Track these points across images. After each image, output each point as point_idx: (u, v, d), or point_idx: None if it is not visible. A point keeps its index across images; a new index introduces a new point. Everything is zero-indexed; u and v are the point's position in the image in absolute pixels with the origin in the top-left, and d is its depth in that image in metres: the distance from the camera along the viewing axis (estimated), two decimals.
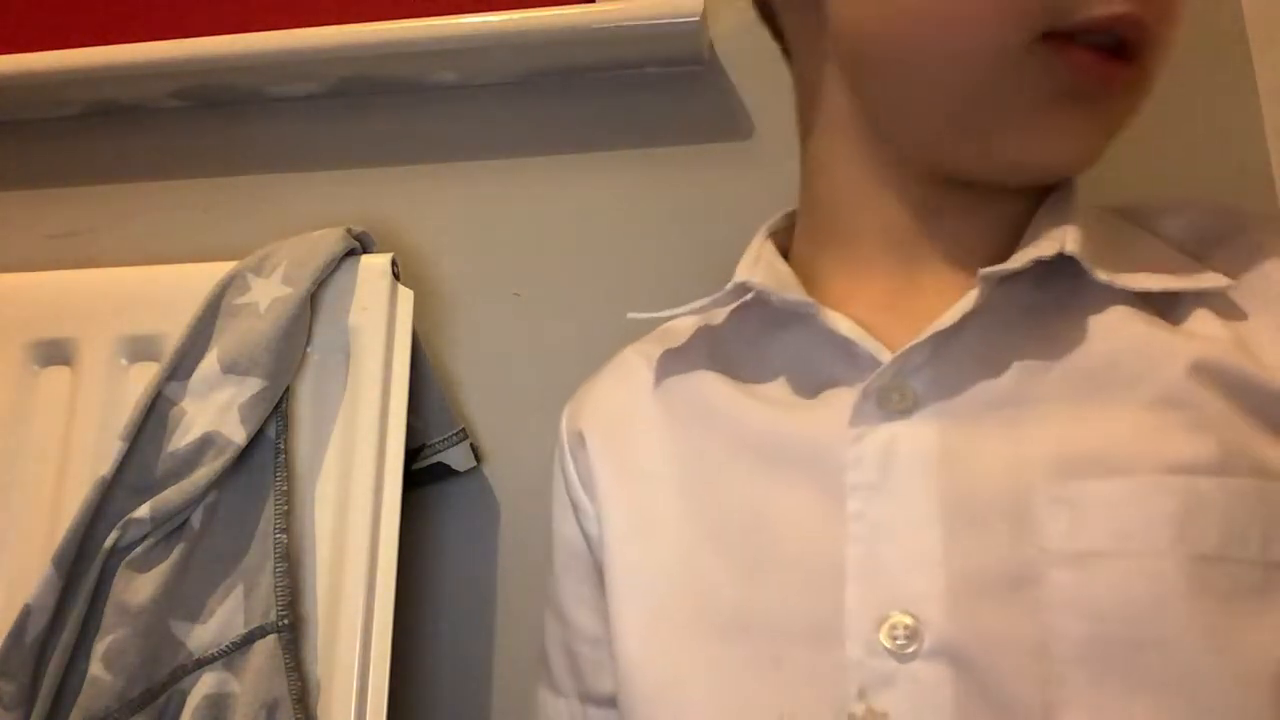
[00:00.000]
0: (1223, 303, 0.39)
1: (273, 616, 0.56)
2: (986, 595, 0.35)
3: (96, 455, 0.62)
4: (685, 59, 0.71)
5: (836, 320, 0.42)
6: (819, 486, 0.40)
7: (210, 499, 0.58)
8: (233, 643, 0.56)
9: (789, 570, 0.39)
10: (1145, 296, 0.40)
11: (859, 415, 0.40)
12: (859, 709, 0.36)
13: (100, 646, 0.55)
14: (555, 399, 0.54)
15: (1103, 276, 0.39)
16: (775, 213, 0.52)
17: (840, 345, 0.42)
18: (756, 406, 0.44)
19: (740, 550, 0.41)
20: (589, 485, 0.49)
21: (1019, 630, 0.35)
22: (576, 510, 0.51)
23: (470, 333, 0.71)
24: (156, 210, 0.77)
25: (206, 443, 0.59)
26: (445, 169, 0.74)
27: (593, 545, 0.49)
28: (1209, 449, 0.35)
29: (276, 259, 0.64)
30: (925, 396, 0.39)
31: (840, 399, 0.41)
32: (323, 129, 0.76)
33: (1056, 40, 0.38)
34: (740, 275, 0.46)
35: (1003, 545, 0.36)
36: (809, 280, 0.46)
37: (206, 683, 0.55)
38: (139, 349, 0.65)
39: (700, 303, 0.48)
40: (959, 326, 0.39)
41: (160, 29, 0.78)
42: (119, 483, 0.59)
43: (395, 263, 0.65)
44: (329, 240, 0.64)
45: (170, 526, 0.58)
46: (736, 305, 0.49)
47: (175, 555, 0.57)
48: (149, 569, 0.57)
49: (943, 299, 0.41)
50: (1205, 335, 0.38)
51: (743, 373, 0.46)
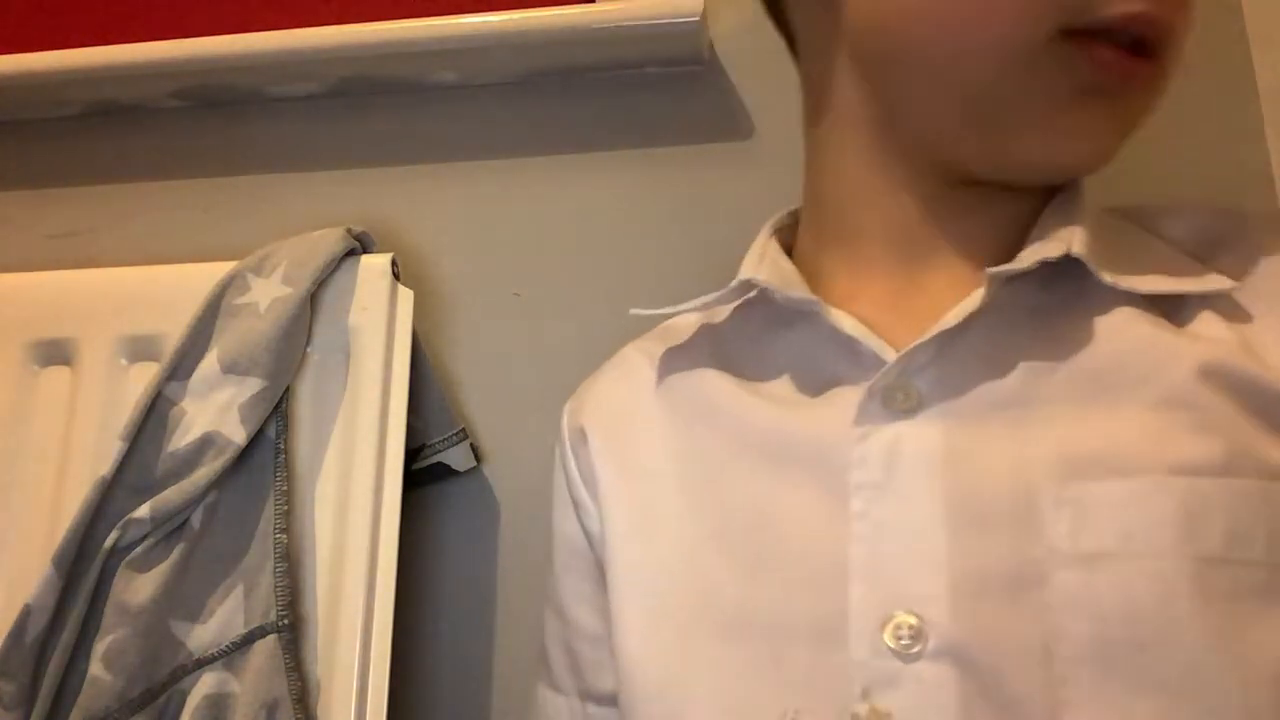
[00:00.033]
0: (1227, 305, 0.39)
1: (273, 616, 0.56)
2: (991, 596, 0.35)
3: (96, 455, 0.62)
4: (685, 59, 0.71)
5: (841, 319, 0.42)
6: (822, 485, 0.40)
7: (210, 499, 0.58)
8: (233, 643, 0.56)
9: (791, 569, 0.39)
10: (1150, 298, 0.39)
11: (863, 414, 0.40)
12: (862, 709, 0.36)
13: (100, 646, 0.55)
14: (555, 399, 0.54)
15: (1108, 279, 0.39)
16: (775, 212, 0.52)
17: (844, 344, 0.42)
18: (760, 404, 0.44)
19: (742, 548, 0.41)
20: (590, 483, 0.49)
21: (1023, 631, 0.34)
22: (577, 508, 0.50)
23: (470, 333, 0.71)
24: (156, 210, 0.77)
25: (206, 443, 0.59)
26: (445, 169, 0.74)
27: (594, 543, 0.49)
28: (1214, 450, 0.35)
29: (276, 259, 0.64)
30: (930, 396, 0.39)
31: (844, 398, 0.41)
32: (323, 129, 0.76)
33: (1076, 37, 0.38)
34: (745, 273, 0.46)
35: (1007, 546, 0.36)
36: (813, 278, 0.46)
37: (206, 683, 0.55)
38: (139, 349, 0.65)
39: (704, 299, 0.48)
40: (964, 326, 0.39)
41: (160, 29, 0.78)
42: (119, 483, 0.59)
43: (395, 263, 0.65)
44: (329, 240, 0.64)
45: (170, 526, 0.58)
46: (740, 303, 0.49)
47: (175, 555, 0.57)
48: (149, 569, 0.57)
49: (947, 298, 0.41)
50: (1211, 337, 0.38)
51: (746, 371, 0.46)
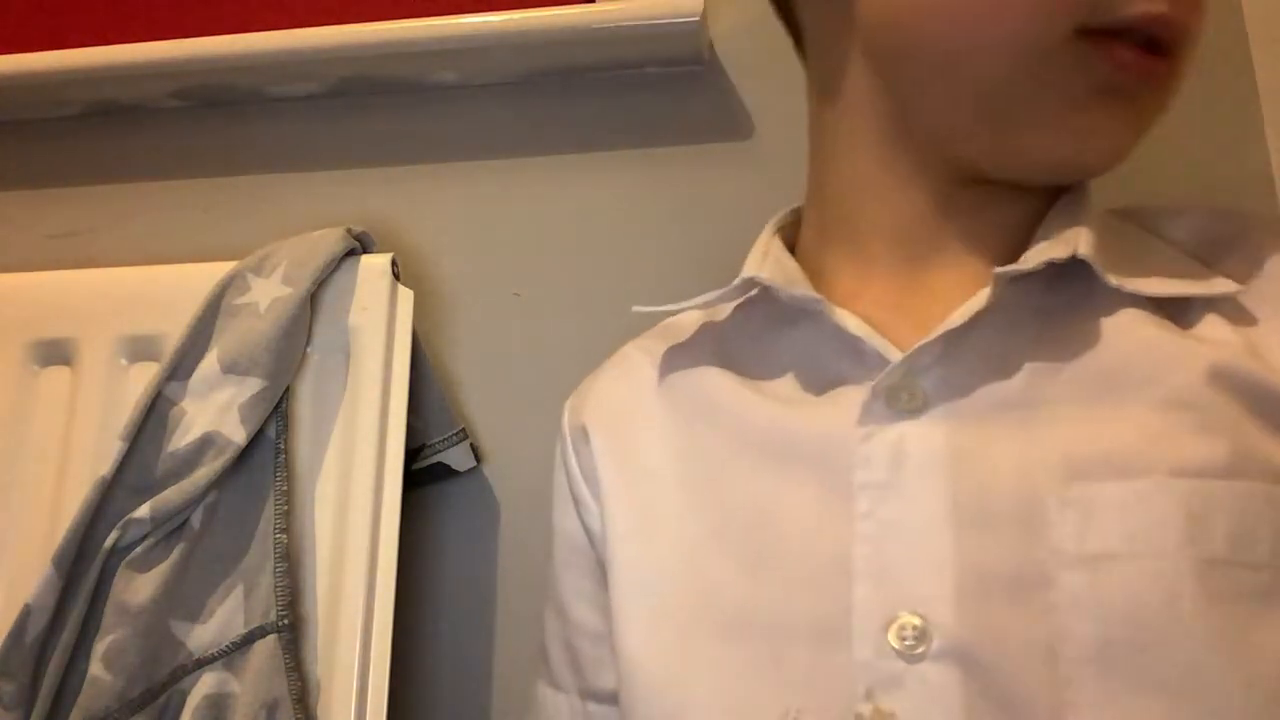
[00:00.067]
0: (1232, 308, 0.39)
1: (273, 616, 0.56)
2: (996, 597, 0.35)
3: (96, 455, 0.62)
4: (685, 59, 0.71)
5: (844, 318, 0.42)
6: (826, 485, 0.40)
7: (210, 499, 0.58)
8: (233, 643, 0.56)
9: (794, 568, 0.39)
10: (1155, 301, 0.39)
11: (868, 414, 0.40)
12: (866, 709, 0.35)
13: (100, 646, 0.55)
14: (555, 399, 0.54)
15: (1114, 281, 0.39)
16: (775, 212, 0.52)
17: (848, 343, 0.42)
18: (762, 403, 0.44)
19: (744, 547, 0.41)
20: (591, 481, 0.49)
21: (1028, 632, 0.34)
22: (578, 506, 0.50)
23: (470, 333, 0.71)
24: (156, 210, 0.77)
25: (206, 443, 0.59)
26: (445, 169, 0.74)
27: (594, 541, 0.49)
28: (1220, 452, 0.35)
29: (276, 259, 0.64)
30: (934, 396, 0.39)
31: (848, 397, 0.41)
32: (323, 129, 0.76)
33: (1094, 36, 0.38)
34: (748, 270, 0.46)
35: (1012, 547, 0.36)
36: (815, 276, 0.46)
37: (206, 683, 0.55)
38: (139, 349, 0.65)
39: (706, 297, 0.47)
40: (969, 326, 0.39)
41: (160, 29, 0.78)
42: (119, 483, 0.59)
43: (395, 263, 0.65)
44: (329, 240, 0.64)
45: (170, 526, 0.58)
46: (742, 301, 0.49)
47: (175, 555, 0.57)
48: (149, 569, 0.57)
49: (951, 298, 0.41)
50: (1217, 340, 0.38)
51: (748, 369, 0.46)
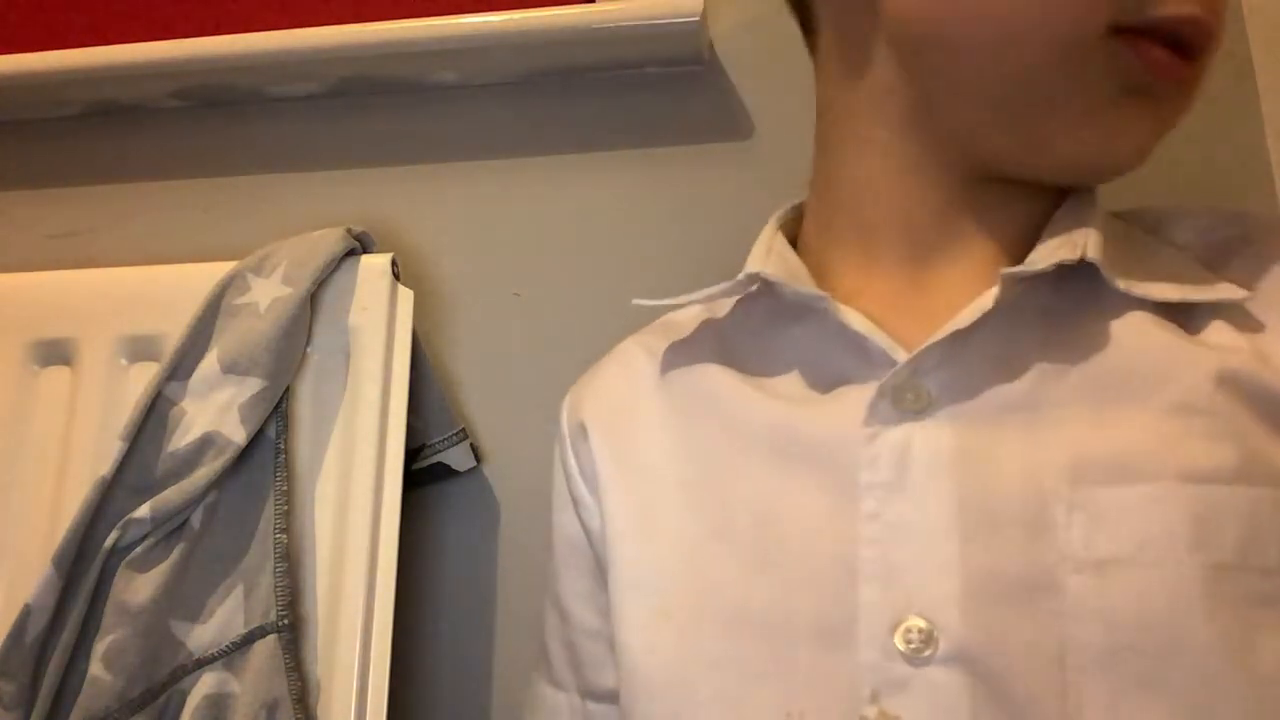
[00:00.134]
0: (1239, 313, 0.39)
1: (273, 616, 0.56)
2: (1003, 601, 0.35)
3: (96, 455, 0.62)
4: (685, 59, 0.71)
5: (850, 315, 0.42)
6: (830, 484, 0.39)
7: (210, 499, 0.58)
8: (233, 643, 0.56)
9: (797, 568, 0.39)
10: (1161, 305, 0.39)
11: (873, 414, 0.39)
12: (871, 712, 0.35)
13: (100, 646, 0.55)
14: (555, 399, 0.54)
15: (1121, 285, 0.38)
16: (775, 211, 0.51)
17: (852, 341, 0.42)
18: (764, 400, 0.43)
19: (746, 546, 0.40)
20: (590, 479, 0.49)
21: (1036, 637, 0.34)
22: (577, 504, 0.50)
23: (470, 333, 0.71)
24: (156, 210, 0.77)
25: (206, 443, 0.59)
26: (445, 169, 0.74)
27: (593, 539, 0.49)
28: (1228, 457, 0.35)
29: (276, 259, 0.64)
30: (940, 397, 0.39)
31: (852, 396, 0.41)
32: (323, 129, 0.76)
33: (1126, 35, 0.38)
34: (752, 266, 0.45)
35: (1019, 551, 0.35)
36: (818, 273, 0.46)
37: (206, 683, 0.55)
38: (139, 349, 0.65)
39: (709, 291, 0.47)
40: (975, 326, 0.38)
41: (160, 29, 0.78)
42: (119, 483, 0.59)
43: (395, 263, 0.65)
44: (329, 240, 0.64)
45: (170, 526, 0.58)
46: (742, 297, 0.49)
47: (175, 555, 0.57)
48: (149, 569, 0.57)
49: (956, 296, 0.40)
50: (1224, 345, 0.38)
51: (749, 366, 0.45)
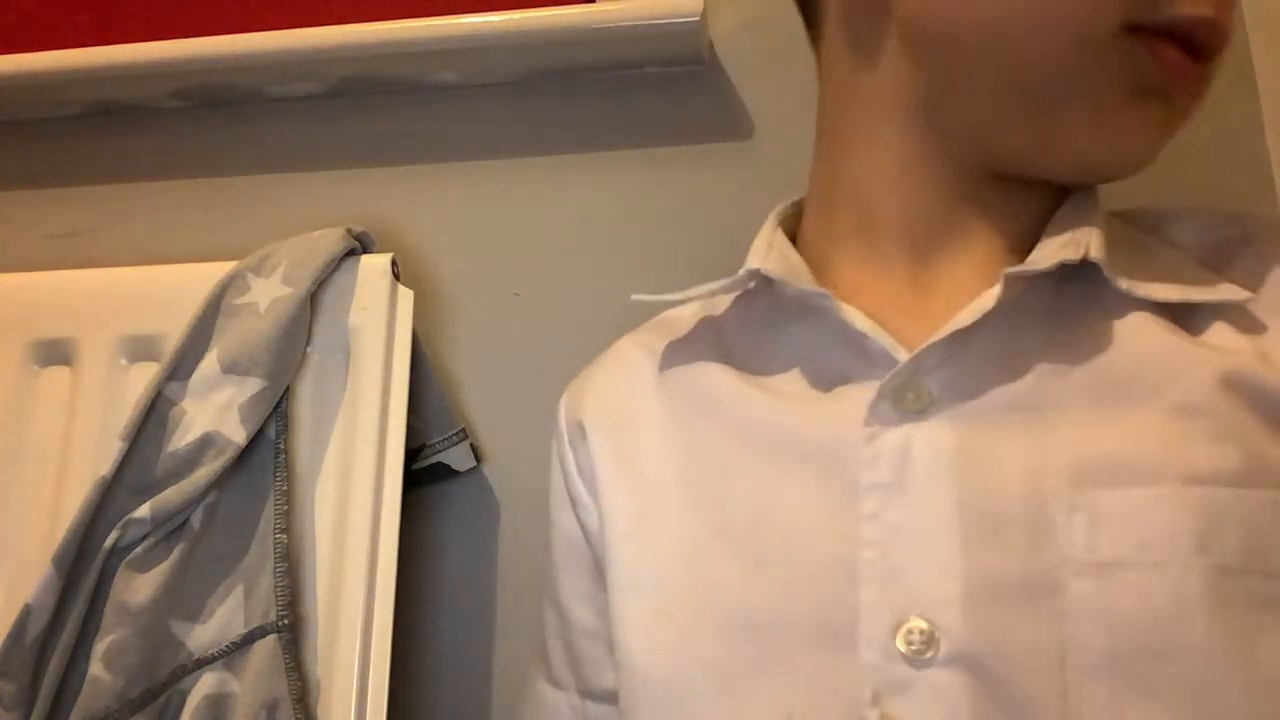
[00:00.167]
0: (1241, 315, 0.39)
1: (273, 616, 0.56)
2: (1005, 603, 0.35)
3: (96, 455, 0.62)
4: (685, 59, 0.71)
5: (851, 314, 0.41)
6: (830, 484, 0.39)
7: (210, 499, 0.58)
8: (233, 643, 0.56)
9: (797, 568, 0.39)
10: (1163, 306, 0.39)
11: (874, 414, 0.39)
12: (872, 714, 0.35)
13: (100, 646, 0.55)
14: (555, 399, 0.54)
15: (1124, 285, 0.38)
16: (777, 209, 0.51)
17: (853, 340, 0.41)
18: (763, 399, 0.43)
19: (746, 546, 0.40)
20: (589, 479, 0.48)
21: (1038, 639, 0.34)
22: (575, 504, 0.50)
23: (470, 333, 0.71)
24: (156, 210, 0.77)
25: (206, 443, 0.59)
26: (445, 169, 0.74)
27: (591, 540, 0.49)
28: (1232, 460, 0.35)
29: (276, 259, 0.64)
30: (941, 397, 0.39)
31: (852, 395, 0.40)
32: (323, 129, 0.76)
33: (1140, 34, 0.38)
34: (753, 262, 0.45)
35: (1021, 552, 0.35)
36: (818, 270, 0.46)
37: (206, 683, 0.55)
38: (139, 349, 0.65)
39: (709, 286, 0.47)
40: (976, 325, 0.38)
41: (160, 29, 0.78)
42: (119, 483, 0.59)
43: (395, 263, 0.65)
44: (329, 240, 0.64)
45: (170, 526, 0.58)
46: (741, 294, 0.48)
47: (175, 555, 0.57)
48: (149, 569, 0.57)
49: (957, 295, 0.40)
50: (1227, 347, 0.38)
51: (748, 364, 0.45)
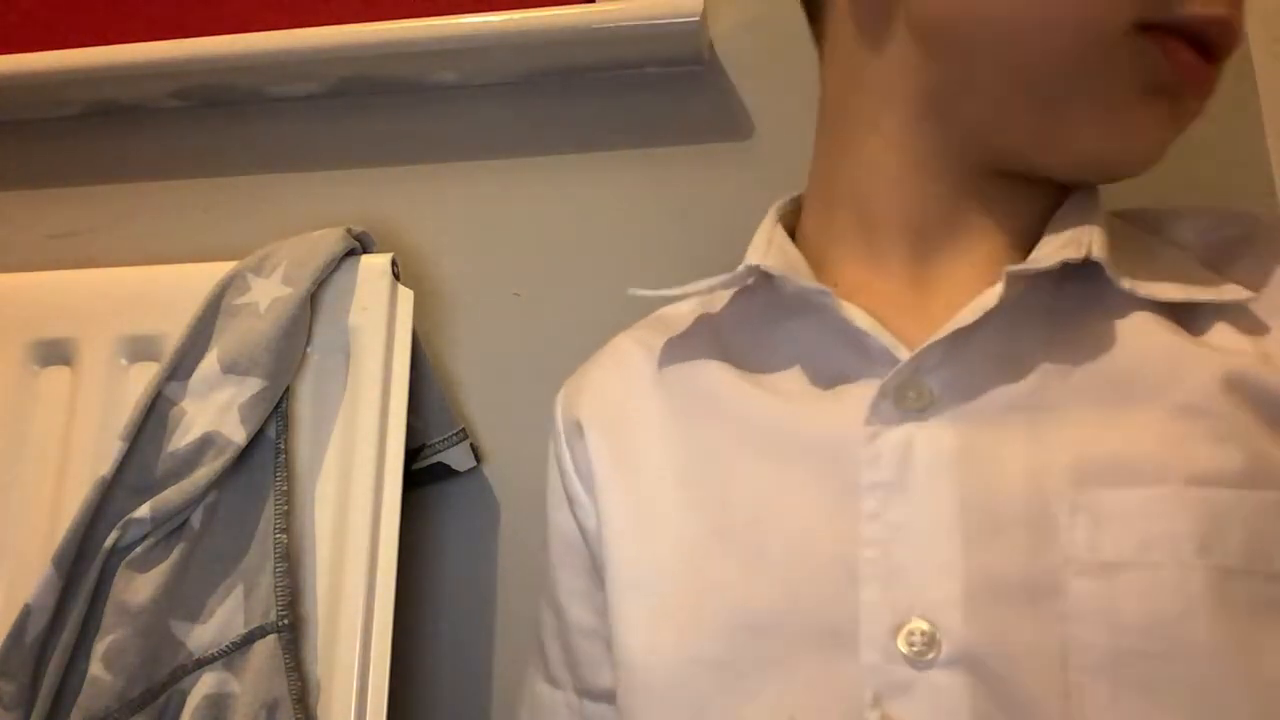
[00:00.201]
0: (1243, 315, 0.39)
1: (273, 616, 0.56)
2: (1006, 603, 0.35)
3: (96, 455, 0.62)
4: (685, 59, 0.71)
5: (852, 312, 0.41)
6: (830, 484, 0.39)
7: (210, 499, 0.58)
8: (233, 643, 0.56)
9: (797, 568, 0.38)
10: (1165, 305, 0.39)
11: (875, 413, 0.39)
12: (873, 715, 0.35)
13: (100, 646, 0.55)
14: (555, 399, 0.54)
15: (1126, 284, 0.38)
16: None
17: (853, 337, 0.41)
18: (763, 396, 0.43)
19: (745, 546, 0.40)
20: (586, 477, 0.48)
21: (1039, 640, 0.34)
22: (572, 503, 0.50)
23: (470, 333, 0.71)
24: (156, 210, 0.77)
25: (206, 443, 0.59)
26: (445, 169, 0.74)
27: (589, 539, 0.49)
28: (1234, 461, 0.35)
29: (276, 259, 0.64)
30: (942, 396, 0.38)
31: (852, 394, 0.40)
32: (323, 129, 0.76)
33: (1152, 33, 0.38)
34: (753, 258, 0.45)
35: (1023, 553, 0.35)
36: (817, 266, 0.45)
37: (206, 683, 0.55)
38: (139, 349, 0.65)
39: (709, 281, 0.46)
40: (977, 324, 0.38)
41: (160, 29, 0.78)
42: (119, 483, 0.59)
43: (395, 263, 0.65)
44: (329, 240, 0.64)
45: (170, 526, 0.58)
46: (739, 290, 0.48)
47: (175, 555, 0.57)
48: (149, 569, 0.57)
49: (958, 293, 0.40)
50: (1230, 348, 0.38)
51: (747, 361, 0.45)
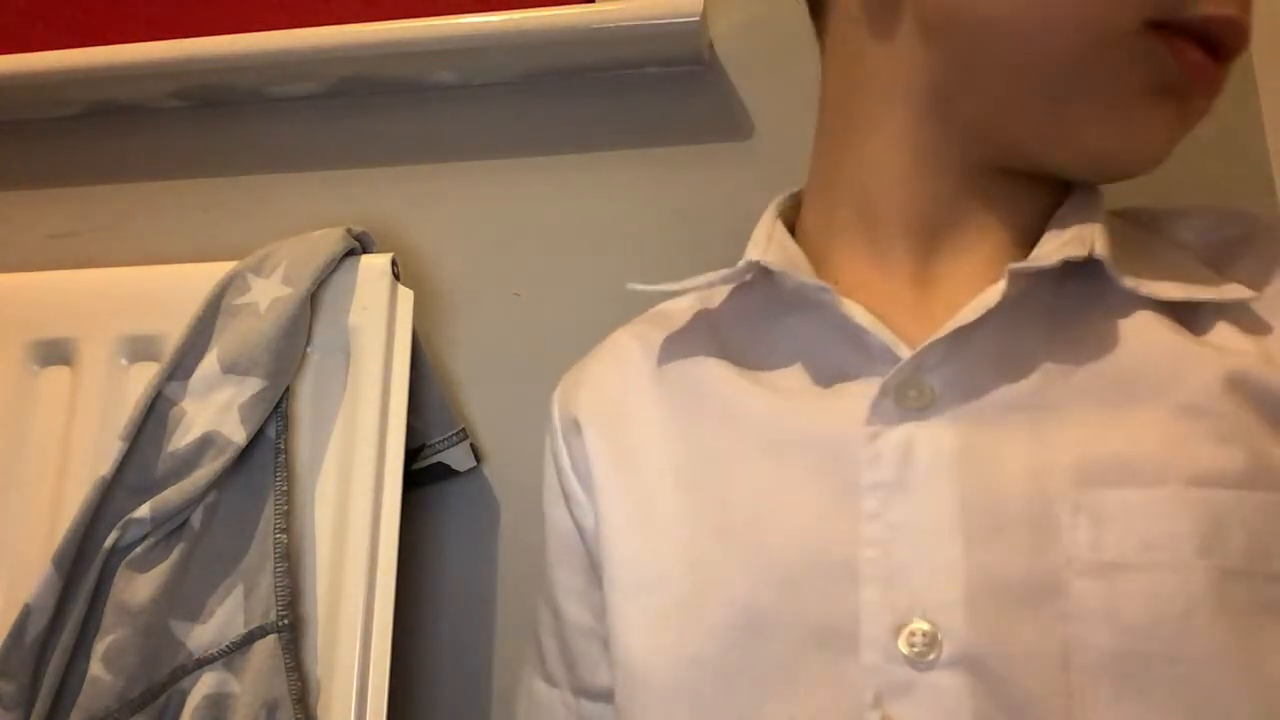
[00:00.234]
0: (1244, 315, 0.39)
1: (273, 616, 0.56)
2: (1007, 603, 0.34)
3: (96, 455, 0.62)
4: (685, 59, 0.71)
5: (852, 308, 0.41)
6: (831, 483, 0.39)
7: (210, 499, 0.58)
8: (233, 643, 0.56)
9: (797, 568, 0.38)
10: (1166, 304, 0.39)
11: (877, 412, 0.38)
12: (874, 716, 0.35)
13: (100, 646, 0.55)
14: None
15: (1128, 283, 0.38)
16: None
17: (853, 335, 0.41)
18: (762, 395, 0.42)
19: (745, 546, 0.40)
20: (584, 475, 0.48)
21: (1041, 641, 0.34)
22: (569, 500, 0.49)
23: (470, 333, 0.71)
24: (156, 210, 0.77)
25: (206, 443, 0.59)
26: (445, 169, 0.74)
27: (586, 537, 0.48)
28: (1237, 461, 0.35)
29: (276, 259, 0.64)
30: (943, 394, 0.38)
31: (852, 392, 0.40)
32: (323, 129, 0.76)
33: (1162, 32, 0.38)
34: (753, 254, 0.44)
35: (1024, 553, 0.35)
36: (817, 263, 0.45)
37: (206, 683, 0.55)
38: (139, 349, 0.65)
39: (708, 277, 0.46)
40: (979, 322, 0.38)
41: (160, 29, 0.78)
42: (119, 483, 0.59)
43: (395, 263, 0.65)
44: (329, 240, 0.64)
45: (170, 526, 0.58)
46: (738, 286, 0.48)
47: (175, 555, 0.57)
48: (149, 569, 0.57)
49: (958, 293, 0.40)
50: (1232, 348, 0.38)
51: (745, 358, 0.45)
